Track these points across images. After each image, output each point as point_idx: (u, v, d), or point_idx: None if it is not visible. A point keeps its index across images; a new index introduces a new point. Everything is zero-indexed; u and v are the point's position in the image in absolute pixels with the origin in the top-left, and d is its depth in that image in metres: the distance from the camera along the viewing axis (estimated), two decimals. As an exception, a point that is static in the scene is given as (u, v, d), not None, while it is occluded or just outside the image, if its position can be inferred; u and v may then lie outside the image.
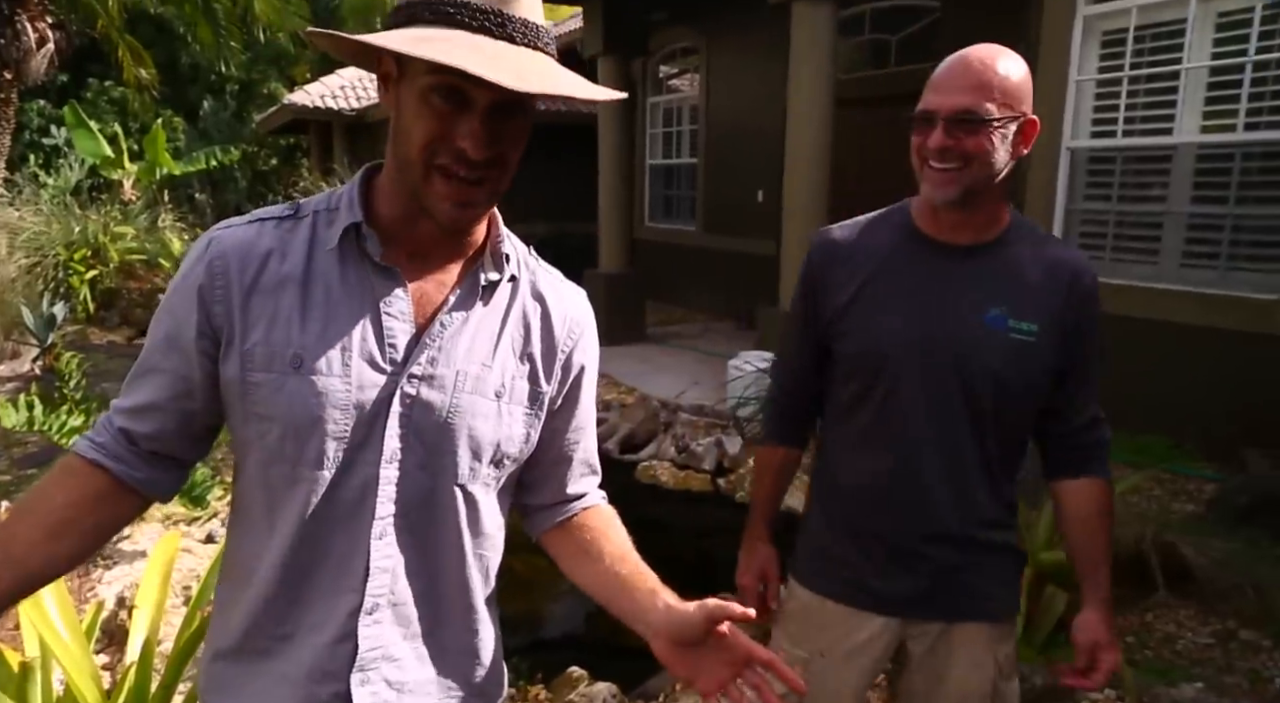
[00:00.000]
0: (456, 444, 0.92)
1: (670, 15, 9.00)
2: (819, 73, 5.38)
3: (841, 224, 1.49)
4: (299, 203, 0.94)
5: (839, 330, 1.41)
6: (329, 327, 0.88)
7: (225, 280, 0.88)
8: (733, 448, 5.01)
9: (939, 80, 1.29)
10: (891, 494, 1.39)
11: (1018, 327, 1.32)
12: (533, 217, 10.89)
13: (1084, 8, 4.72)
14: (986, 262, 1.35)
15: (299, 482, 0.88)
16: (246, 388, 0.87)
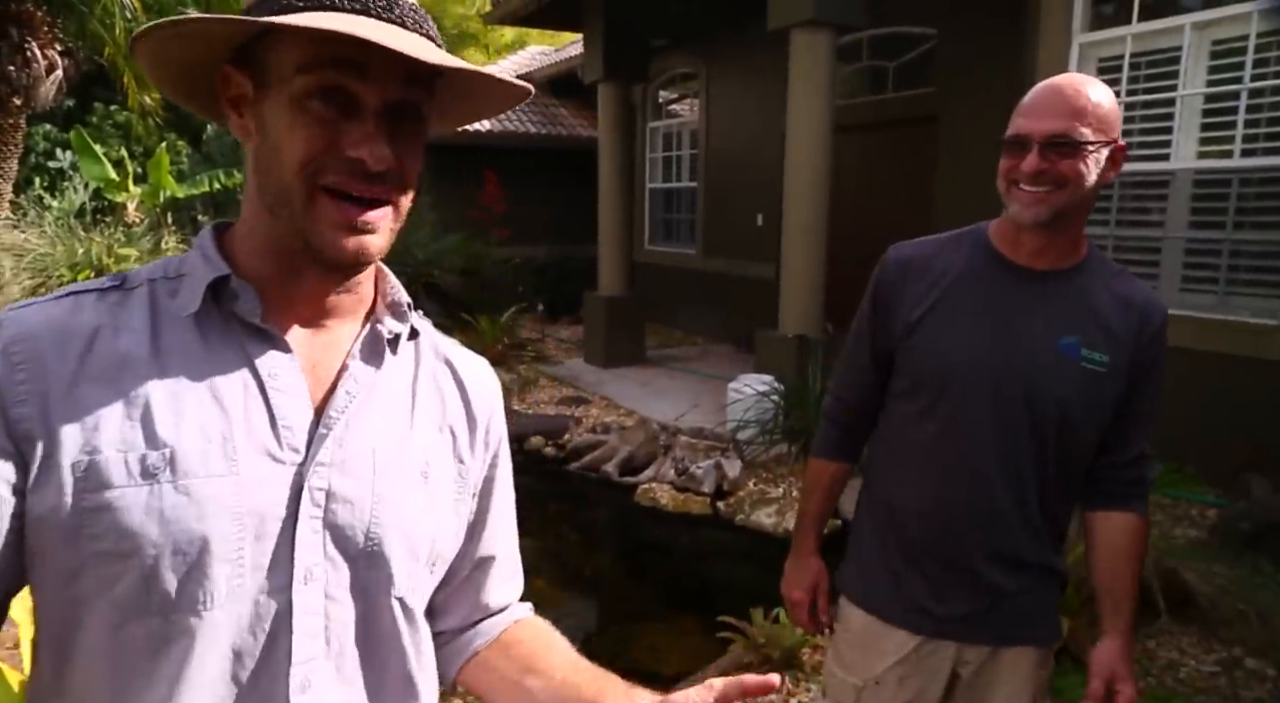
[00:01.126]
0: (388, 545, 0.72)
1: (670, 41, 9.10)
2: (818, 98, 5.43)
3: (916, 241, 1.49)
4: (123, 274, 0.73)
5: (908, 346, 1.41)
6: (200, 413, 0.67)
7: (32, 371, 0.64)
8: (732, 471, 5.00)
9: (1032, 106, 1.30)
10: (952, 515, 1.39)
11: (1090, 356, 1.33)
12: (535, 240, 10.95)
13: (1080, 35, 4.77)
14: (1062, 289, 1.36)
15: (175, 637, 0.64)
16: (82, 517, 0.63)
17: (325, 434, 0.70)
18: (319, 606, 0.69)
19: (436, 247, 9.28)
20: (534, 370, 7.71)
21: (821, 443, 1.62)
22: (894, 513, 1.46)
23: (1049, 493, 1.38)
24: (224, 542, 0.65)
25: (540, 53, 14.29)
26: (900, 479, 1.45)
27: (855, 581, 1.53)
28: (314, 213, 0.68)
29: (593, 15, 7.57)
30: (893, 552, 1.45)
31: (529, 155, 11.52)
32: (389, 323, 0.78)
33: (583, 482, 5.42)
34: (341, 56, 0.65)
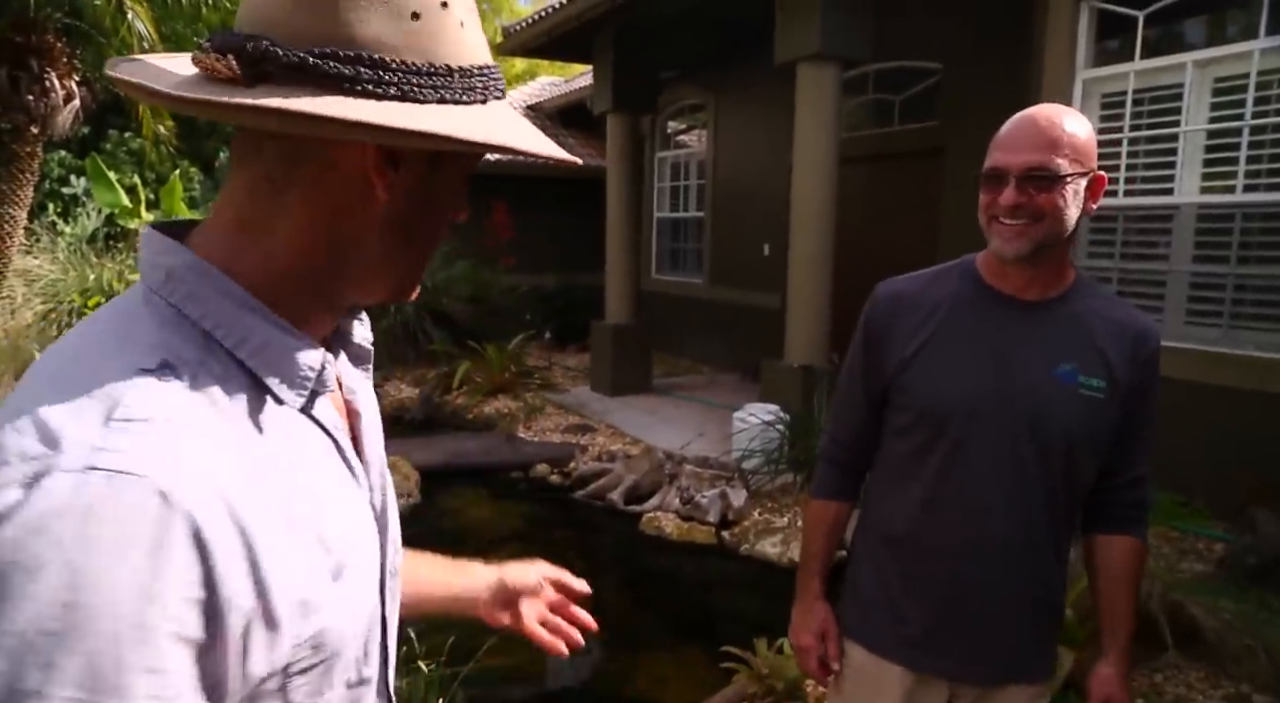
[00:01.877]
0: (398, 551, 0.76)
1: (679, 73, 9.22)
2: (824, 131, 5.49)
3: (905, 276, 1.49)
4: (164, 364, 0.54)
5: (901, 383, 1.40)
6: (333, 497, 0.63)
7: (243, 543, 0.52)
8: (737, 500, 4.99)
9: (1007, 139, 1.30)
10: (954, 552, 1.37)
11: (1088, 383, 1.32)
12: (542, 268, 11.02)
13: (1083, 71, 4.83)
14: (1054, 317, 1.35)
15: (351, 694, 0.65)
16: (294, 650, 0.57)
17: (369, 461, 0.71)
18: (395, 612, 0.73)
19: (445, 274, 9.35)
20: (540, 398, 7.73)
21: (820, 484, 1.61)
22: (893, 549, 1.45)
23: (1057, 523, 1.38)
24: (375, 596, 0.68)
25: (550, 83, 14.48)
26: (900, 516, 1.43)
27: (853, 616, 1.52)
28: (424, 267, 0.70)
29: (603, 47, 7.69)
30: (891, 588, 1.44)
31: (537, 184, 11.63)
32: (358, 331, 0.75)
33: (588, 510, 5.41)
34: None
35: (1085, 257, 5.02)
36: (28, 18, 4.79)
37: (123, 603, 0.46)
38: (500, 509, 5.48)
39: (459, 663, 2.81)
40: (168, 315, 0.57)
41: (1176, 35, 4.74)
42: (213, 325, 0.58)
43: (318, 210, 0.61)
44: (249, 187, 0.61)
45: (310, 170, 0.60)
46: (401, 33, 0.57)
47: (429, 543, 1.02)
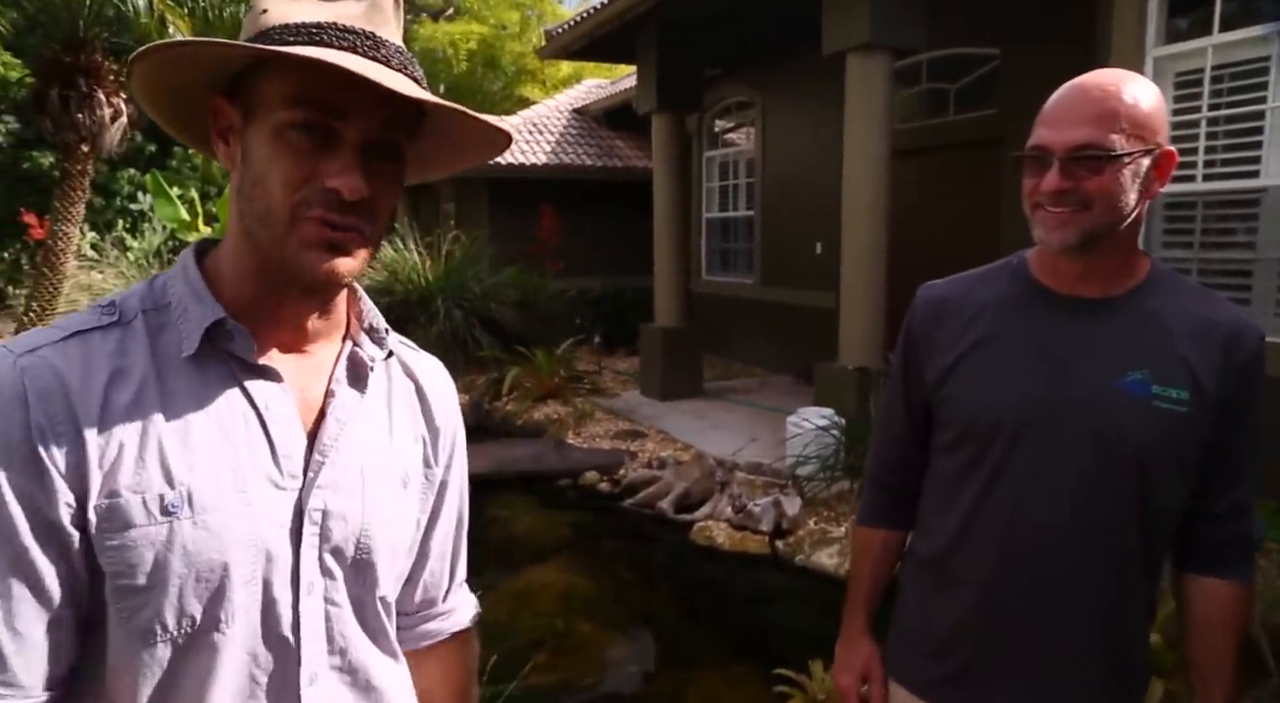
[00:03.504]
0: (376, 553, 0.80)
1: (725, 70, 9.07)
2: (875, 123, 5.29)
3: (948, 278, 1.32)
4: (114, 302, 0.75)
5: (944, 395, 1.24)
6: (209, 451, 0.71)
7: (67, 422, 0.67)
8: (791, 508, 4.81)
9: (1052, 112, 1.11)
10: (1006, 588, 1.19)
11: (1164, 393, 1.11)
12: (589, 272, 10.95)
13: (1154, 49, 4.53)
14: (1122, 317, 1.15)
15: (201, 650, 0.71)
16: (106, 554, 0.68)
17: (321, 461, 0.77)
18: (320, 611, 0.77)
19: (493, 280, 9.33)
20: (590, 403, 7.63)
21: (866, 509, 1.44)
22: (944, 581, 1.27)
23: (1134, 560, 1.15)
24: (241, 567, 0.71)
25: (596, 86, 14.44)
26: (950, 543, 1.25)
27: (899, 657, 1.35)
28: (293, 235, 0.72)
29: (645, 47, 7.58)
30: (942, 625, 1.26)
31: (585, 187, 11.58)
32: (368, 348, 0.84)
33: (637, 519, 5.29)
34: (326, 91, 0.70)
35: (1160, 247, 4.72)
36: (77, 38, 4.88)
37: None
38: (549, 518, 5.40)
39: (504, 680, 2.73)
40: (155, 287, 0.77)
41: (1254, 8, 4.41)
42: (172, 295, 0.76)
43: (231, 200, 0.76)
44: None
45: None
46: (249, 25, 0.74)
47: (479, 552, 1.02)
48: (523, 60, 20.03)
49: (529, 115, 12.79)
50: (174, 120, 0.81)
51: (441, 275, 9.10)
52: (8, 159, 18.04)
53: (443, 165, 0.87)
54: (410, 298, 8.77)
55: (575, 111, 12.98)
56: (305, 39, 0.70)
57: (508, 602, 4.14)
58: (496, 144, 0.82)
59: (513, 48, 20.10)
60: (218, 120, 0.75)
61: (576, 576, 4.49)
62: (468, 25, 20.51)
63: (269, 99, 0.71)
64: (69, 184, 5.04)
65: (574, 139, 12.20)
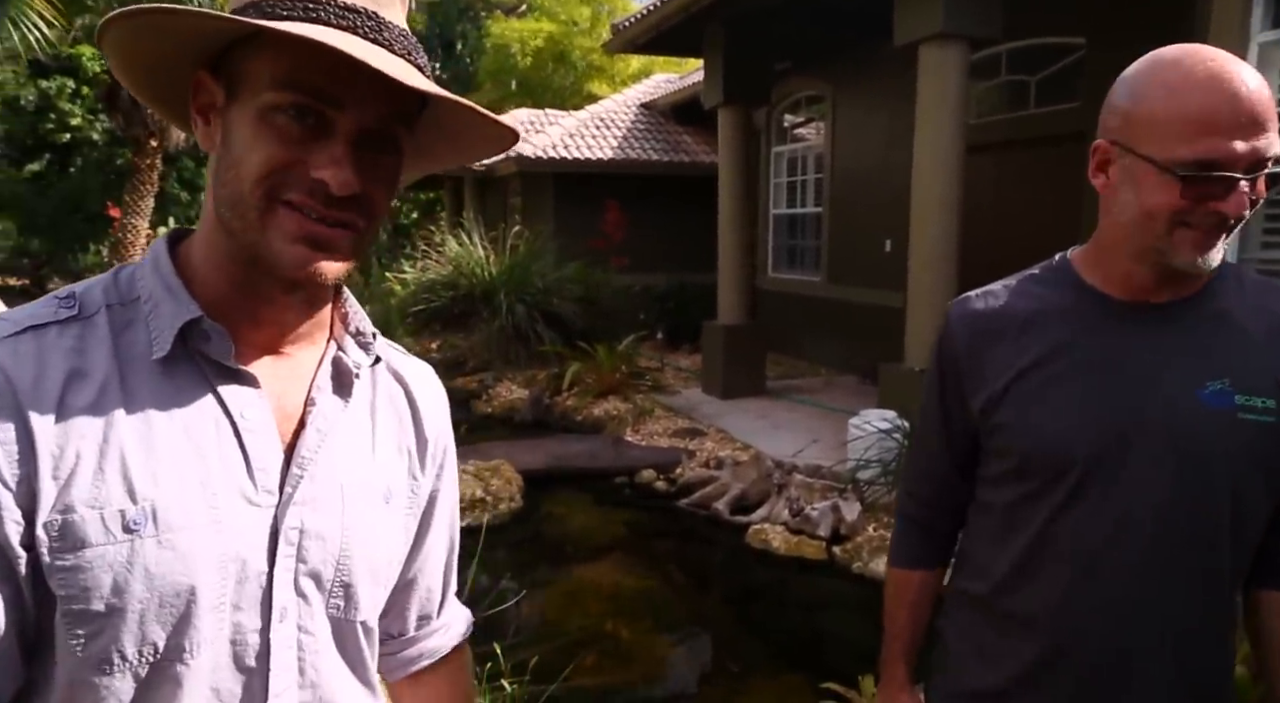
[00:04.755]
0: (356, 575, 0.74)
1: (794, 63, 8.90)
2: (949, 117, 5.09)
3: (984, 291, 1.18)
4: (74, 293, 0.68)
5: (996, 423, 1.11)
6: (176, 462, 0.65)
7: (10, 426, 0.61)
8: (850, 514, 4.66)
9: (1221, 114, 0.92)
10: (1079, 632, 1.07)
11: (1249, 403, 1.00)
12: (654, 267, 10.91)
13: (1260, 34, 4.24)
14: (1193, 322, 1.04)
15: (160, 684, 0.65)
16: (55, 575, 0.61)
17: (300, 475, 0.71)
18: (293, 640, 0.70)
19: (556, 275, 9.36)
20: (650, 400, 7.58)
21: (899, 549, 1.33)
22: (1001, 623, 1.15)
23: (1221, 591, 1.05)
24: (209, 591, 0.65)
25: (665, 80, 14.37)
26: (998, 585, 1.14)
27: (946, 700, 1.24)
28: (268, 224, 0.66)
29: (712, 40, 7.48)
30: (994, 675, 1.15)
31: (651, 183, 11.55)
32: (353, 353, 0.78)
33: (692, 519, 5.22)
34: (320, 74, 0.64)
35: (1259, 247, 4.41)
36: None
37: None
38: (603, 516, 5.36)
39: (544, 681, 2.70)
40: (121, 279, 0.70)
41: (1373, -10, 4.08)
42: (142, 288, 0.69)
43: (210, 185, 0.70)
44: None
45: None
46: None
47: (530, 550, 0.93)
48: (592, 56, 20.09)
49: (596, 110, 12.80)
50: (154, 94, 0.74)
51: (505, 270, 9.18)
52: (103, 156, 18.94)
53: (441, 159, 0.81)
54: (474, 292, 8.87)
55: (642, 106, 12.95)
56: (299, 14, 0.64)
57: (557, 600, 4.12)
58: (502, 140, 0.76)
59: (583, 43, 20.16)
60: (198, 96, 0.69)
61: (628, 575, 4.44)
62: (538, 23, 20.67)
63: (256, 78, 0.65)
64: (138, 178, 5.20)
65: (641, 134, 12.16)
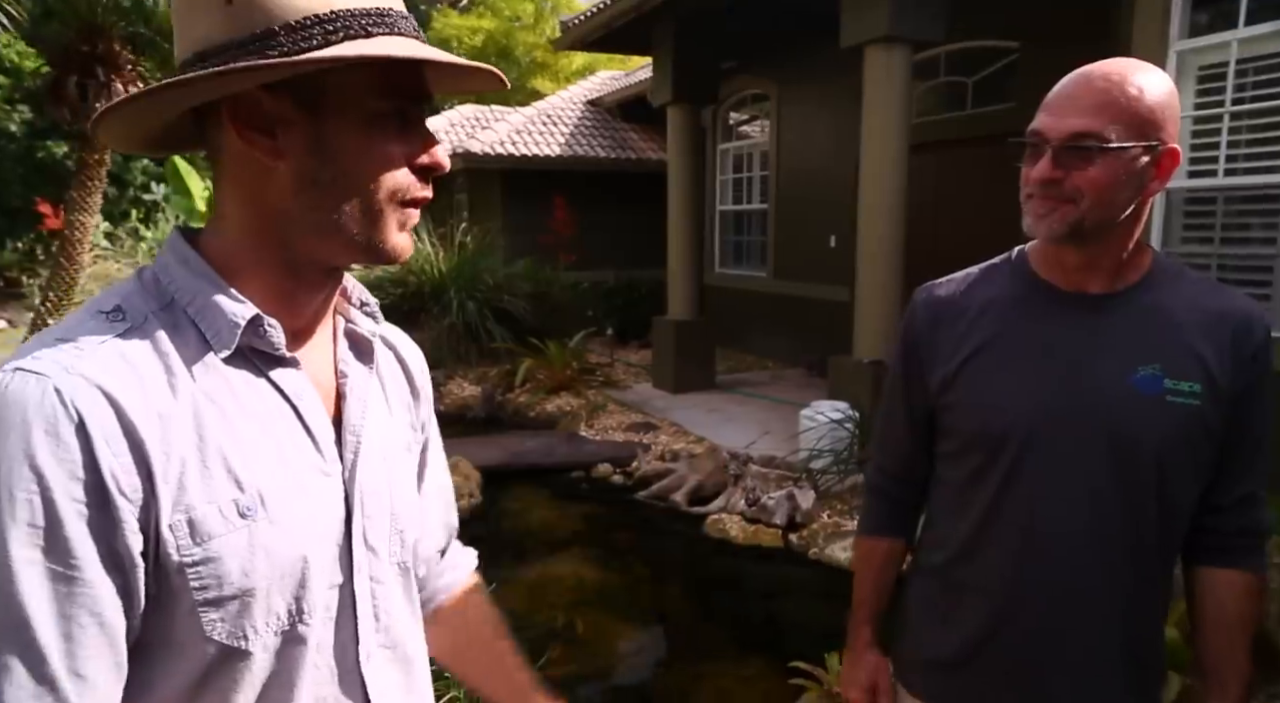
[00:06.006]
0: (404, 524, 0.82)
1: (740, 62, 9.03)
2: (893, 117, 5.26)
3: (948, 278, 1.29)
4: (119, 307, 0.69)
5: (948, 402, 1.21)
6: (263, 449, 0.70)
7: (121, 442, 0.63)
8: (805, 502, 4.81)
9: (1054, 99, 1.09)
10: (1024, 599, 1.17)
11: (1176, 388, 1.09)
12: (602, 264, 10.95)
13: (1178, 43, 4.49)
14: (1129, 312, 1.13)
15: (292, 647, 0.71)
16: (185, 571, 0.65)
17: (355, 441, 0.77)
18: (368, 590, 0.77)
19: (506, 272, 9.34)
20: (603, 396, 7.64)
21: (867, 519, 1.42)
22: (957, 590, 1.24)
23: (1151, 562, 1.14)
24: (316, 557, 0.72)
25: (610, 77, 14.41)
26: (962, 551, 1.23)
27: (910, 665, 1.33)
28: (384, 223, 0.72)
29: (662, 38, 7.56)
30: (955, 636, 1.24)
31: (598, 179, 11.58)
32: (362, 323, 0.84)
33: (650, 511, 5.30)
34: (412, 79, 0.72)
35: (1180, 242, 4.68)
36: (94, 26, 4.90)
37: (2, 463, 0.59)
38: (561, 510, 5.41)
39: (517, 672, 2.74)
40: (147, 282, 0.72)
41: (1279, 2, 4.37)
42: (176, 290, 0.71)
43: (239, 191, 0.72)
44: (214, 184, 0.75)
45: (221, 161, 0.72)
46: (222, 21, 0.67)
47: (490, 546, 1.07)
48: (536, 52, 20.00)
49: (543, 106, 12.78)
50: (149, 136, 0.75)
51: (454, 267, 9.12)
52: (22, 148, 18.16)
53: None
54: (423, 289, 8.79)
55: (589, 103, 12.97)
56: (380, 26, 0.69)
57: (520, 594, 4.15)
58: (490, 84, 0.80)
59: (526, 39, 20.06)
60: (251, 114, 0.69)
61: (589, 568, 4.50)
62: (478, 19, 20.49)
63: (353, 90, 0.69)
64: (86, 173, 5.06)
65: (588, 131, 12.19)
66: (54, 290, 5.28)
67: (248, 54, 0.66)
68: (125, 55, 5.11)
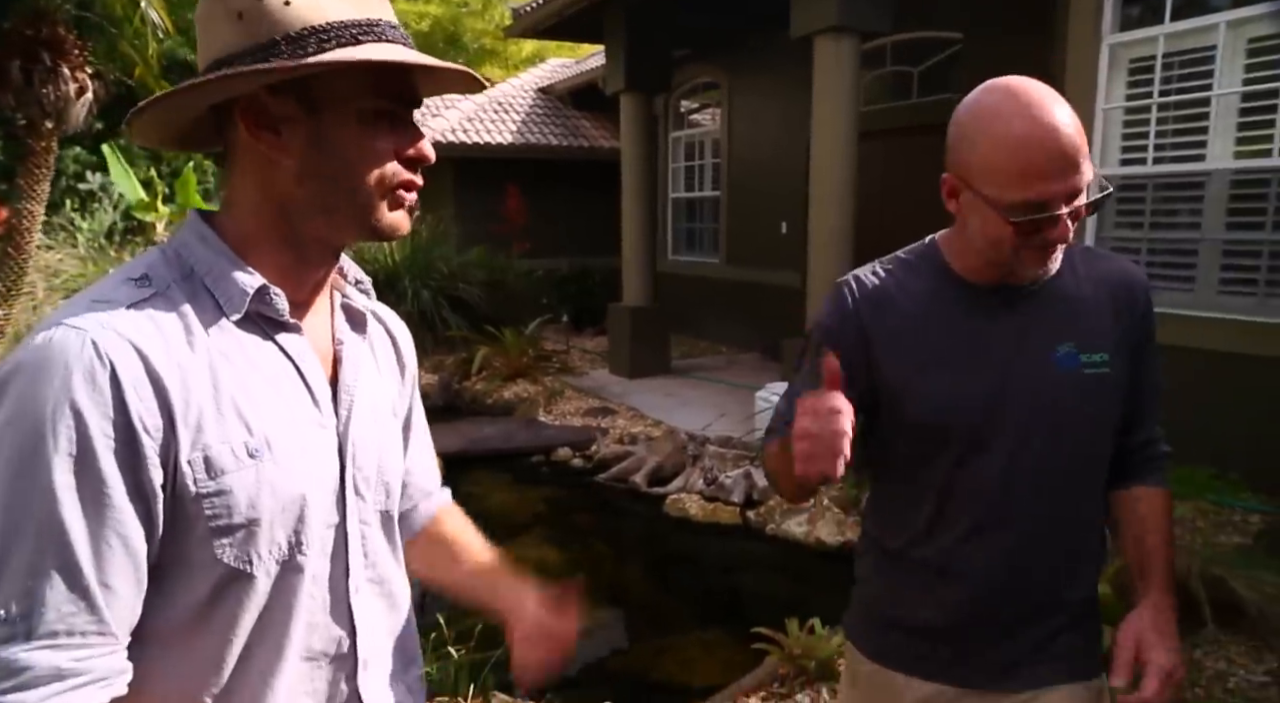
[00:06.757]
0: (389, 477, 0.94)
1: (692, 51, 9.12)
2: (843, 105, 5.41)
3: (868, 271, 1.31)
4: (146, 274, 0.80)
5: (884, 398, 1.24)
6: (271, 401, 0.81)
7: (148, 388, 0.73)
8: (762, 480, 4.95)
9: (1041, 163, 1.07)
10: (975, 563, 1.23)
11: (1090, 360, 1.19)
12: (556, 252, 10.98)
13: (1110, 36, 4.71)
14: (1040, 297, 1.21)
15: (291, 575, 0.81)
16: (201, 501, 0.75)
17: (349, 400, 0.88)
18: (358, 529, 0.89)
19: (460, 260, 9.33)
20: (560, 382, 7.71)
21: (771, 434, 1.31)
22: (905, 559, 1.30)
23: (1089, 518, 1.25)
24: (314, 496, 0.82)
25: (561, 65, 14.38)
26: (909, 526, 1.28)
27: (865, 630, 1.38)
28: (380, 210, 0.83)
29: (614, 26, 7.61)
30: (909, 599, 1.30)
31: (550, 167, 11.58)
32: (359, 299, 0.96)
33: (611, 493, 5.40)
34: (401, 82, 0.82)
35: (1113, 227, 4.92)
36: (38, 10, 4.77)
37: (48, 402, 0.69)
38: (522, 494, 5.47)
39: (489, 648, 2.80)
40: (169, 255, 0.83)
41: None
42: (194, 262, 0.82)
43: (249, 180, 0.83)
44: (227, 174, 0.85)
45: (235, 155, 0.83)
46: (234, 32, 0.78)
47: None
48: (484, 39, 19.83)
49: (494, 94, 12.70)
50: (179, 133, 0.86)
51: (408, 255, 9.08)
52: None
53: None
54: (377, 278, 8.69)
55: (540, 91, 12.93)
56: (369, 35, 0.79)
57: (486, 574, 4.20)
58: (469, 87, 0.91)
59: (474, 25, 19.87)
60: (259, 115, 0.79)
61: (551, 549, 4.57)
62: (425, 4, 20.22)
63: (346, 92, 0.80)
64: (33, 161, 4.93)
65: (540, 119, 12.16)
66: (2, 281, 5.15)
67: (254, 61, 0.76)
68: (71, 40, 4.99)
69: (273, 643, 0.82)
